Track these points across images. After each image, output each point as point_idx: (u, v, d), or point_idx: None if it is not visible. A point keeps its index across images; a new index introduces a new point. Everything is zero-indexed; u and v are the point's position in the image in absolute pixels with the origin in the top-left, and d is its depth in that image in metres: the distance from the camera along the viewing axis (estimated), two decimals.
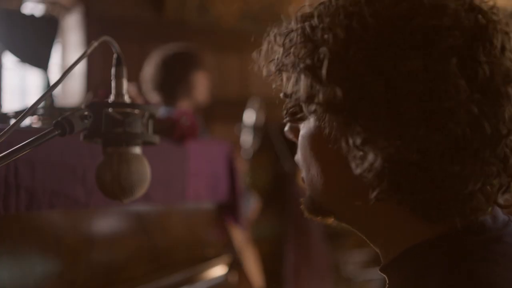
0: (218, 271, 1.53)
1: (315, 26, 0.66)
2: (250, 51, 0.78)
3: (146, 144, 0.93)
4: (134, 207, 1.27)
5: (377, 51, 0.61)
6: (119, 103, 0.88)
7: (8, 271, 0.93)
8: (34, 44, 1.39)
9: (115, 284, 1.15)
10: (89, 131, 0.86)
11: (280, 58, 0.71)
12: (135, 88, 1.54)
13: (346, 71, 0.62)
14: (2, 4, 2.53)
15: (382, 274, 0.72)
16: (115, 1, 4.06)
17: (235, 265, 1.62)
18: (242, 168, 2.83)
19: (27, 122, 1.11)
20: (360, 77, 0.61)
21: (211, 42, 4.01)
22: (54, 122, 0.79)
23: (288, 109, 0.73)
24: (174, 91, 2.59)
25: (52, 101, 1.25)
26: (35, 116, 1.12)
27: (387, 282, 0.71)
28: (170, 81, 2.58)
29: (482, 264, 0.62)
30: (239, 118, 3.54)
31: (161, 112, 2.29)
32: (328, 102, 0.64)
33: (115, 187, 0.89)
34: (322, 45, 0.64)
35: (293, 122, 0.75)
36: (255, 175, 3.42)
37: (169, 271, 1.32)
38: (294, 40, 0.69)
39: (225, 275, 1.55)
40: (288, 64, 0.69)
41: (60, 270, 1.03)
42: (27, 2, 3.72)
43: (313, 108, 0.66)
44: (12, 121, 1.07)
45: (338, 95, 0.62)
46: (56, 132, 0.79)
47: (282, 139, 3.44)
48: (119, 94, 0.89)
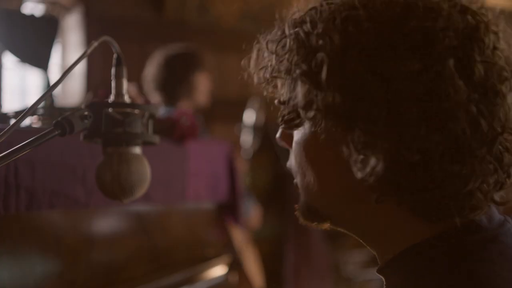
0: (218, 271, 1.53)
1: (309, 32, 0.66)
2: (250, 51, 0.78)
3: (146, 144, 0.93)
4: (134, 207, 1.27)
5: (375, 54, 0.61)
6: (119, 103, 0.88)
7: (8, 271, 0.93)
8: (34, 44, 1.39)
9: (115, 284, 1.15)
10: (89, 131, 0.86)
11: (274, 64, 0.71)
12: (135, 88, 1.54)
13: (344, 75, 0.62)
14: (2, 4, 2.53)
15: (379, 276, 0.72)
16: (115, 1, 4.05)
17: (235, 265, 1.62)
18: (242, 168, 2.83)
19: (27, 122, 1.11)
20: (359, 80, 0.61)
21: (211, 42, 4.01)
22: (54, 122, 0.79)
23: (284, 116, 0.72)
24: (176, 92, 2.60)
25: (52, 101, 1.25)
26: (35, 116, 1.12)
27: (384, 283, 0.71)
28: (172, 81, 2.58)
29: (480, 263, 0.62)
30: (239, 118, 3.54)
31: (161, 112, 2.29)
32: (328, 107, 0.63)
33: (115, 187, 0.89)
34: (318, 50, 0.64)
35: (289, 129, 0.73)
36: (255, 175, 3.42)
37: (169, 271, 1.32)
38: (288, 46, 0.68)
39: (225, 275, 1.54)
40: (283, 70, 0.69)
41: (60, 270, 1.03)
42: (27, 2, 3.71)
43: (311, 113, 0.66)
44: (12, 121, 1.07)
45: (338, 99, 0.62)
46: (56, 132, 0.79)
47: None
48: (119, 94, 0.89)
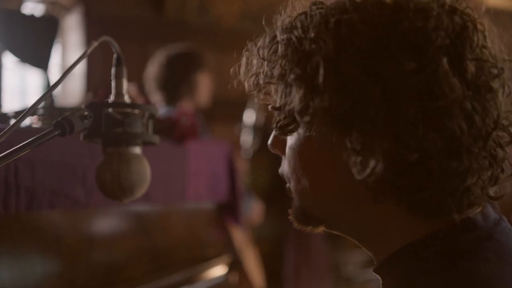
0: (218, 271, 1.53)
1: (301, 37, 0.66)
2: (240, 58, 0.77)
3: (146, 144, 0.93)
4: (134, 207, 1.27)
5: (369, 56, 0.62)
6: (119, 103, 0.88)
7: (8, 271, 0.93)
8: (34, 44, 1.39)
9: (115, 284, 1.15)
10: (89, 131, 0.86)
11: (266, 71, 0.70)
12: (135, 88, 1.54)
13: (340, 78, 0.62)
14: (2, 4, 2.53)
15: (376, 275, 0.72)
16: (115, 1, 4.06)
17: (235, 265, 1.62)
18: (242, 168, 2.83)
19: (27, 122, 1.11)
20: (355, 82, 0.61)
21: (211, 42, 4.01)
22: (54, 122, 0.79)
23: (278, 122, 0.71)
24: (177, 91, 2.60)
25: (52, 101, 1.25)
26: (35, 116, 1.12)
27: (381, 282, 0.71)
28: (173, 81, 2.59)
29: (475, 262, 0.62)
30: (239, 118, 3.54)
31: (162, 111, 2.29)
32: (325, 110, 0.63)
33: (115, 187, 0.89)
34: (312, 54, 0.64)
35: (283, 134, 0.73)
36: (255, 175, 3.42)
37: (169, 271, 1.32)
38: (280, 51, 0.68)
39: (225, 275, 1.55)
40: (276, 76, 0.68)
41: (60, 270, 1.03)
42: (27, 2, 3.72)
43: (308, 118, 0.66)
44: (12, 121, 1.07)
45: (334, 102, 0.62)
46: (56, 132, 0.79)
47: None
48: (119, 94, 0.89)
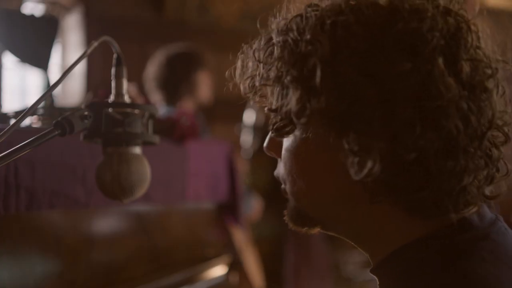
0: (218, 271, 1.53)
1: (297, 38, 0.66)
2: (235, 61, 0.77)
3: (146, 144, 0.93)
4: (134, 207, 1.27)
5: (365, 57, 0.62)
6: (119, 103, 0.89)
7: (8, 271, 0.93)
8: (34, 44, 1.39)
9: (115, 284, 1.15)
10: (89, 131, 0.86)
11: (262, 73, 0.70)
12: (135, 88, 1.54)
13: (337, 79, 0.62)
14: (2, 4, 2.53)
15: (373, 276, 0.72)
16: (115, 1, 4.05)
17: (236, 265, 1.62)
18: (242, 168, 2.83)
19: (27, 122, 1.11)
20: (351, 83, 0.62)
21: (211, 42, 4.01)
22: (54, 122, 0.79)
23: (274, 124, 0.71)
24: (177, 90, 2.60)
25: (52, 101, 1.25)
26: (35, 116, 1.12)
27: (377, 283, 0.71)
28: (174, 80, 2.59)
29: (472, 262, 0.62)
30: (239, 118, 3.54)
31: (162, 111, 2.29)
32: (322, 111, 0.63)
33: (115, 187, 0.89)
34: (308, 55, 0.64)
35: (279, 136, 0.72)
36: (255, 175, 3.42)
37: (169, 271, 1.32)
38: (276, 54, 0.68)
39: (225, 275, 1.55)
40: (272, 78, 0.68)
41: (60, 270, 1.03)
42: (27, 2, 3.72)
43: (305, 119, 0.66)
44: (12, 121, 1.07)
45: (332, 103, 0.62)
46: (56, 132, 0.79)
47: None
48: (119, 94, 0.89)
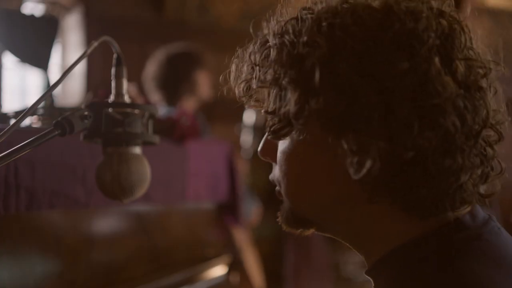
0: (218, 271, 1.53)
1: (294, 40, 0.67)
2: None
3: (146, 144, 0.93)
4: (134, 207, 1.27)
5: (363, 57, 0.63)
6: (119, 103, 0.89)
7: (8, 271, 0.93)
8: (34, 44, 1.39)
9: (115, 284, 1.15)
10: (89, 131, 0.87)
11: (258, 75, 0.70)
12: (135, 88, 1.54)
13: (335, 79, 0.63)
14: (2, 4, 2.53)
15: (368, 277, 0.72)
16: (115, 1, 4.05)
17: (236, 265, 1.62)
18: (242, 168, 2.83)
19: (27, 122, 1.11)
20: (350, 82, 0.62)
21: (211, 42, 4.00)
22: (54, 122, 0.80)
23: (272, 126, 0.71)
24: (178, 90, 2.61)
25: (52, 101, 1.25)
26: (35, 116, 1.12)
27: (373, 285, 0.71)
28: (174, 79, 2.59)
29: (465, 262, 0.63)
30: (239, 118, 3.54)
31: (162, 111, 2.29)
32: (321, 112, 0.64)
33: (115, 187, 0.89)
34: (307, 56, 0.65)
35: (277, 138, 0.72)
36: (255, 175, 3.42)
37: (169, 271, 1.32)
38: (272, 56, 0.68)
39: (225, 275, 1.55)
40: (269, 80, 0.68)
41: (60, 270, 1.03)
42: (27, 2, 3.72)
43: (303, 120, 0.66)
44: (12, 121, 1.07)
45: (330, 103, 0.63)
46: (56, 132, 0.79)
47: None
48: (119, 94, 0.89)
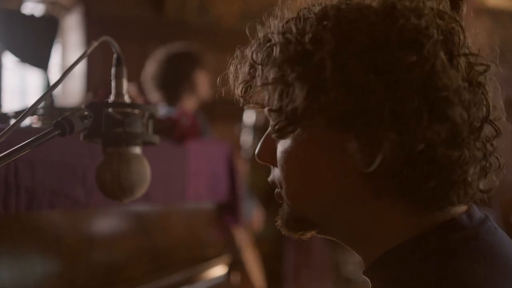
0: (218, 271, 1.53)
1: (298, 36, 0.67)
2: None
3: (146, 144, 0.93)
4: (134, 207, 1.27)
5: (371, 51, 0.63)
6: (119, 103, 0.89)
7: (8, 271, 0.93)
8: (34, 44, 1.39)
9: (115, 284, 1.15)
10: (89, 131, 0.87)
11: (261, 74, 0.70)
12: (135, 88, 1.54)
13: (344, 73, 0.63)
14: (2, 4, 2.53)
15: (365, 277, 0.72)
16: (115, 1, 4.06)
17: (236, 265, 1.62)
18: (242, 168, 2.83)
19: (27, 122, 1.11)
20: (359, 77, 0.63)
21: (211, 42, 4.00)
22: (54, 122, 0.80)
23: (276, 125, 0.69)
24: (178, 89, 2.60)
25: (52, 101, 1.25)
26: (35, 116, 1.12)
27: (370, 286, 0.71)
28: (174, 79, 2.59)
29: (462, 262, 0.63)
30: (239, 118, 3.54)
31: (162, 112, 2.29)
32: (331, 106, 0.64)
33: (115, 187, 0.89)
34: (314, 51, 0.65)
35: (281, 137, 0.71)
36: (255, 175, 3.42)
37: (169, 271, 1.32)
38: (276, 53, 0.68)
39: (225, 275, 1.55)
40: (273, 77, 0.68)
41: (60, 270, 1.03)
42: (27, 2, 3.72)
43: (310, 116, 0.65)
44: (12, 121, 1.07)
45: (340, 97, 0.63)
46: (56, 132, 0.79)
47: None
48: (119, 94, 0.89)
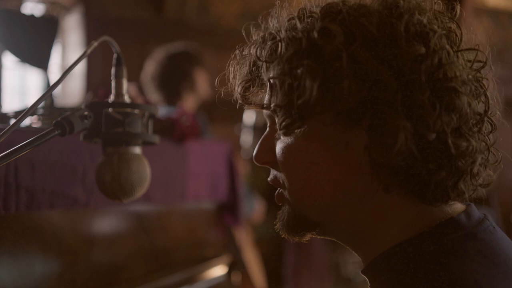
0: (218, 271, 1.53)
1: (305, 31, 0.67)
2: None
3: (146, 144, 0.93)
4: (134, 207, 1.27)
5: (381, 43, 0.65)
6: (119, 103, 0.89)
7: (8, 271, 0.93)
8: (34, 44, 1.39)
9: (115, 284, 1.15)
10: (89, 131, 0.86)
11: (265, 71, 0.70)
12: (135, 88, 1.54)
13: (356, 65, 0.64)
14: (2, 4, 2.53)
15: (364, 276, 0.72)
16: (115, 1, 4.06)
17: (237, 265, 1.62)
18: (242, 168, 2.83)
19: (27, 122, 1.11)
20: (371, 68, 0.64)
21: (211, 42, 4.01)
22: (54, 122, 0.80)
23: (283, 121, 0.69)
24: (178, 88, 2.60)
25: (52, 101, 1.25)
26: (35, 116, 1.12)
27: (369, 285, 0.71)
28: (174, 78, 2.59)
29: (460, 261, 0.63)
30: (239, 118, 3.54)
31: (162, 112, 2.29)
32: (345, 96, 0.64)
33: (115, 187, 0.89)
34: (324, 45, 0.65)
35: (288, 134, 0.71)
36: (255, 175, 3.42)
37: (169, 271, 1.32)
38: (282, 49, 0.68)
39: (225, 275, 1.55)
40: (281, 72, 0.68)
41: (60, 270, 1.03)
42: (27, 2, 3.72)
43: (321, 108, 0.65)
44: (12, 121, 1.07)
45: (354, 87, 0.64)
46: (56, 132, 0.79)
47: None
48: (119, 94, 0.89)
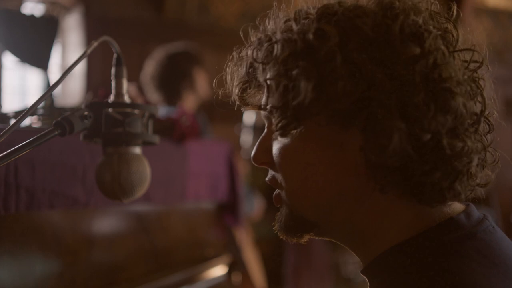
0: (218, 271, 1.53)
1: (300, 33, 0.67)
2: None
3: (146, 144, 0.93)
4: (134, 207, 1.27)
5: (376, 44, 0.65)
6: (119, 103, 0.89)
7: (8, 271, 0.93)
8: (34, 44, 1.39)
9: (115, 284, 1.15)
10: (89, 131, 0.86)
11: (261, 72, 0.70)
12: (135, 88, 1.54)
13: (350, 66, 0.64)
14: (2, 4, 2.53)
15: (363, 276, 0.72)
16: (115, 1, 4.06)
17: (237, 265, 1.62)
18: (242, 168, 2.84)
19: (27, 122, 1.11)
20: (366, 69, 0.64)
21: (211, 42, 4.01)
22: (54, 122, 0.80)
23: (279, 122, 0.69)
24: (178, 87, 2.60)
25: (52, 101, 1.25)
26: (35, 116, 1.12)
27: (368, 285, 0.71)
28: (174, 77, 2.59)
29: (459, 261, 0.63)
30: (239, 118, 3.54)
31: (162, 112, 2.29)
32: (340, 97, 0.64)
33: (115, 187, 0.89)
34: (319, 46, 0.65)
35: (284, 135, 0.71)
36: (255, 175, 3.42)
37: (169, 271, 1.32)
38: (278, 51, 0.68)
39: (225, 275, 1.54)
40: (277, 73, 0.68)
41: (60, 270, 1.03)
42: (27, 2, 3.72)
43: (316, 109, 0.66)
44: (12, 121, 1.07)
45: (349, 88, 0.64)
46: (56, 132, 0.79)
47: None
48: (119, 94, 0.89)
